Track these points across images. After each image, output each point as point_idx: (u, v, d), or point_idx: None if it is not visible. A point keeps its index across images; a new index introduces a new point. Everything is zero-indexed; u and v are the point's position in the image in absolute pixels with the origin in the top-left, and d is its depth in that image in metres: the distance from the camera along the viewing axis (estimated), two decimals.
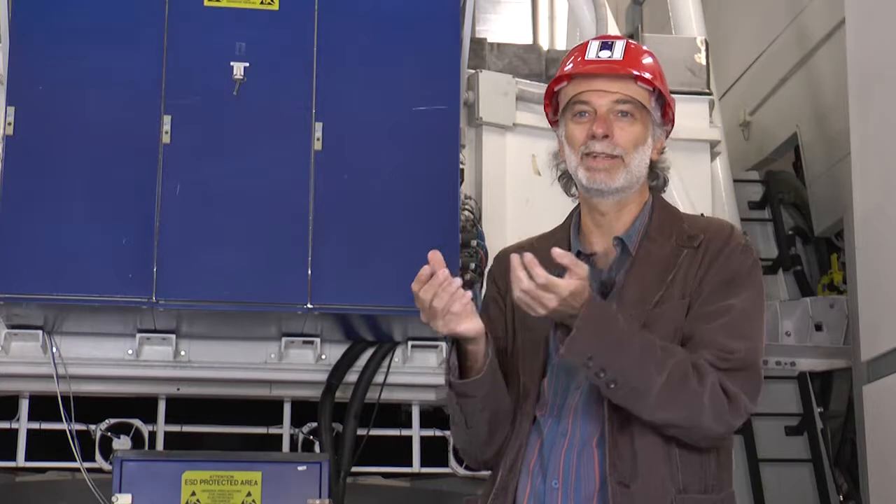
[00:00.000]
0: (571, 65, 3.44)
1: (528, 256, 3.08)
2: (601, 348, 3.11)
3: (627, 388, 3.13)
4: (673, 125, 3.51)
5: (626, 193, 3.40)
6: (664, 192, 3.54)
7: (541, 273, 3.06)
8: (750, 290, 3.29)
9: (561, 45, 13.01)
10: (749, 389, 3.20)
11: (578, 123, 3.39)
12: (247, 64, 5.99)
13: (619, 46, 3.43)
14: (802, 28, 8.44)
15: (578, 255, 3.34)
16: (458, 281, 3.18)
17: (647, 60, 3.45)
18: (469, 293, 3.21)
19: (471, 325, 3.21)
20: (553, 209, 6.53)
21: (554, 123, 3.55)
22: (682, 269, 3.30)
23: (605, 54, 3.40)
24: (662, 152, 3.47)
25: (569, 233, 3.52)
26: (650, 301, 3.26)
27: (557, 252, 3.08)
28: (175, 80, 5.95)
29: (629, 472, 3.19)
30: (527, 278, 3.06)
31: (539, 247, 3.37)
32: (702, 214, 5.29)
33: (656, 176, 3.47)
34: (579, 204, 3.53)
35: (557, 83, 3.49)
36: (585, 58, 3.42)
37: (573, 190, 3.51)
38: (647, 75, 3.38)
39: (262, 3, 6.08)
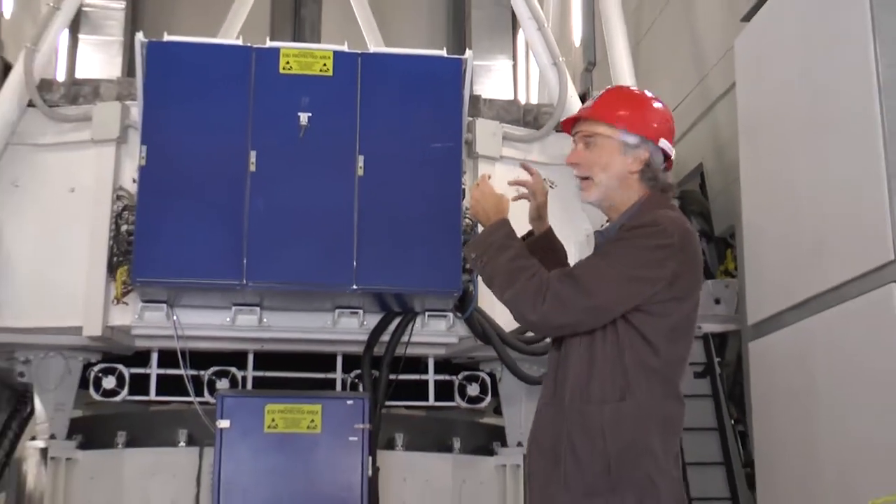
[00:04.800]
0: None
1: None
2: (483, 248, 3.26)
3: (486, 275, 3.24)
4: (651, 137, 3.27)
5: (609, 201, 3.30)
6: (666, 190, 3.31)
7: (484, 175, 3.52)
8: (616, 249, 3.12)
9: (534, 99, 13.00)
10: (562, 287, 3.05)
11: None
12: (310, 114, 5.97)
13: (595, 97, 3.37)
14: (705, 88, 8.43)
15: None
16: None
17: (610, 102, 3.33)
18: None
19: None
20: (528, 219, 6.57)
21: None
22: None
23: (587, 104, 3.38)
24: (649, 163, 3.26)
25: None
26: None
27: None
28: (259, 125, 5.94)
29: (557, 390, 3.18)
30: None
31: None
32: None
33: (651, 179, 3.27)
34: None
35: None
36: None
37: None
38: (598, 115, 3.29)
39: (320, 70, 6.08)
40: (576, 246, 6.25)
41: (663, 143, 3.29)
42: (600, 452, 3.02)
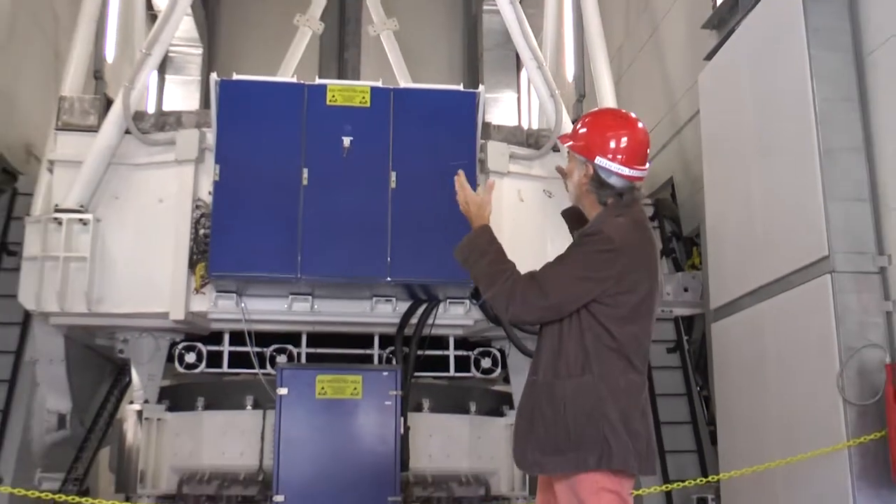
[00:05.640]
0: None
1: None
2: (467, 253, 3.27)
3: (472, 276, 3.25)
4: (590, 158, 3.24)
5: (581, 206, 3.35)
6: (622, 194, 3.24)
7: (460, 178, 3.45)
8: (572, 254, 3.15)
9: (535, 125, 12.96)
10: (527, 289, 3.10)
11: None
12: (351, 138, 6.00)
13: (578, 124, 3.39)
14: (675, 115, 8.43)
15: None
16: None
17: (578, 125, 3.37)
18: None
19: None
20: (529, 222, 6.58)
21: None
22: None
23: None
24: (593, 177, 3.24)
25: None
26: None
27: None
28: (310, 147, 5.96)
29: (535, 368, 3.24)
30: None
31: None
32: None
33: (596, 191, 3.26)
34: None
35: None
36: None
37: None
38: (566, 139, 3.34)
39: (360, 102, 6.09)
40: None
41: (601, 161, 3.23)
42: (561, 419, 3.07)
